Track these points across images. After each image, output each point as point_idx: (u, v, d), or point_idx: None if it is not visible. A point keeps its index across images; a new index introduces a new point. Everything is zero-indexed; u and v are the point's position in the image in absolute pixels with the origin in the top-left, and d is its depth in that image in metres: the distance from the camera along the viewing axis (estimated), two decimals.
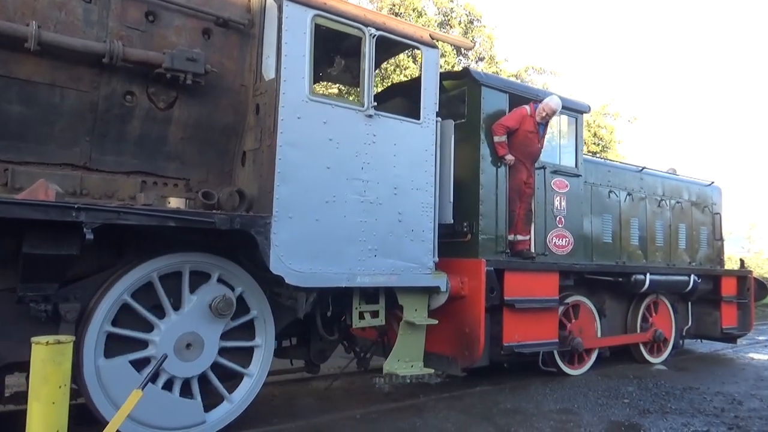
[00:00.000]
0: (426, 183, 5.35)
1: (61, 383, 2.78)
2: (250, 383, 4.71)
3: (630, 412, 5.71)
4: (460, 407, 5.67)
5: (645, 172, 8.74)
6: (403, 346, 5.46)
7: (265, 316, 4.79)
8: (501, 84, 6.47)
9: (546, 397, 6.17)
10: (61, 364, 2.79)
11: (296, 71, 4.53)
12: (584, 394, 6.36)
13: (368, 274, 4.94)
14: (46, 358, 2.78)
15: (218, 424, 4.48)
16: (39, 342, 2.80)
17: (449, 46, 19.98)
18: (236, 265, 4.59)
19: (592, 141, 20.06)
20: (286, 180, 4.45)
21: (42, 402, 2.75)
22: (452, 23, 19.75)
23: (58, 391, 2.77)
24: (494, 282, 5.96)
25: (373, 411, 5.49)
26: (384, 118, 5.11)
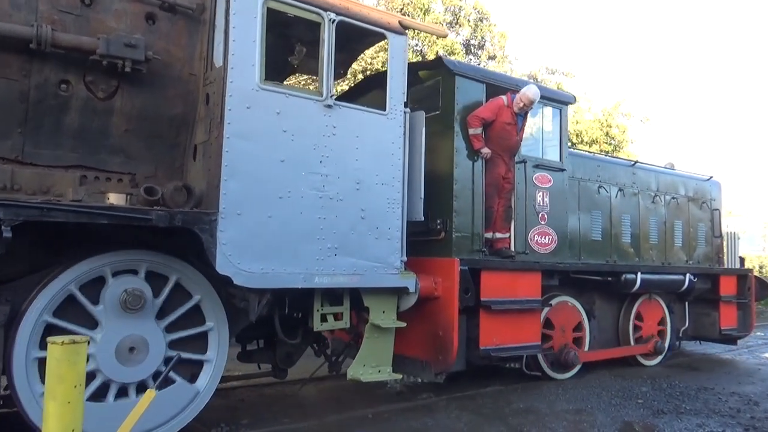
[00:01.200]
0: (392, 178, 5.09)
1: (76, 383, 2.82)
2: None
3: (644, 413, 5.66)
4: (472, 407, 5.67)
5: (638, 166, 8.44)
6: (369, 350, 5.20)
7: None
8: (477, 73, 6.19)
9: (559, 397, 6.13)
10: (75, 364, 2.83)
11: (246, 58, 4.28)
12: (597, 395, 6.31)
13: (327, 274, 4.68)
14: (61, 357, 2.80)
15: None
16: (54, 342, 2.83)
17: (459, 45, 19.95)
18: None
19: (604, 140, 19.91)
20: (234, 174, 4.21)
21: (58, 401, 2.79)
22: (461, 22, 19.68)
23: (73, 391, 2.81)
24: (469, 282, 5.69)
25: (385, 411, 5.49)
26: (345, 108, 4.86)
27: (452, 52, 19.55)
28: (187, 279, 4.41)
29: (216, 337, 4.55)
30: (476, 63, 21.60)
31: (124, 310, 3.98)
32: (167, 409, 4.23)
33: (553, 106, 6.76)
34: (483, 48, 19.99)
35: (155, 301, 4.19)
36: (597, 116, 20.88)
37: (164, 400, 4.15)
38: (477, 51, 20.03)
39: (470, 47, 20.08)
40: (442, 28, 6.11)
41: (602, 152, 16.48)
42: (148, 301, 4.06)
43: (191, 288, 4.43)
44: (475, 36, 20.34)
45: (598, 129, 19.93)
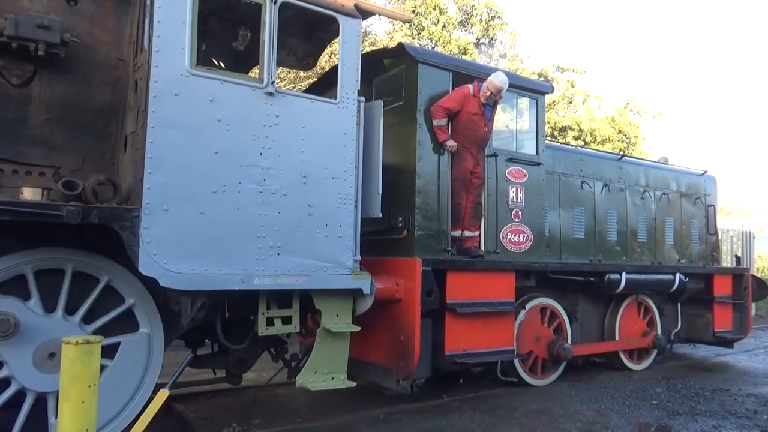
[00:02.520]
0: (344, 171, 4.76)
1: (90, 383, 2.86)
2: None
3: (659, 414, 5.63)
4: (484, 408, 5.65)
5: (625, 160, 8.07)
6: (320, 356, 4.89)
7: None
8: (442, 61, 5.83)
9: (572, 398, 6.11)
10: (90, 364, 2.86)
11: (174, 41, 3.96)
12: (611, 395, 6.27)
13: (269, 275, 4.37)
14: (75, 357, 2.83)
15: None
16: (68, 342, 2.85)
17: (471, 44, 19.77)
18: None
19: (617, 137, 19.65)
20: (160, 166, 3.90)
21: (72, 401, 2.82)
22: (473, 21, 19.63)
23: (88, 391, 2.84)
24: (432, 284, 5.35)
25: (397, 411, 5.49)
26: (290, 96, 4.56)
27: (465, 51, 19.45)
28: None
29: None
30: (487, 62, 21.51)
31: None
32: None
33: (528, 96, 6.40)
34: (494, 47, 20.13)
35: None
36: (609, 114, 20.60)
37: None
38: (488, 49, 20.17)
39: (481, 46, 20.11)
40: (406, 13, 5.78)
41: (620, 151, 16.14)
42: (21, 326, 3.66)
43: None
44: (487, 35, 20.32)
45: (609, 126, 19.66)
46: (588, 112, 20.17)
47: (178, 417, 5.34)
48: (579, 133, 19.12)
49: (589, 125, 19.02)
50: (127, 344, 4.10)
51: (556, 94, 19.85)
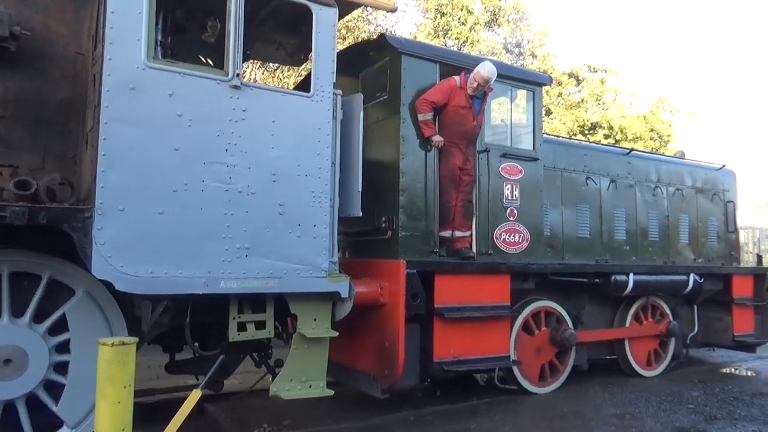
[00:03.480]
0: (318, 168, 4.52)
1: (125, 383, 2.93)
2: None
3: (696, 419, 5.48)
4: (515, 410, 5.61)
5: (634, 155, 7.66)
6: (296, 363, 4.65)
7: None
8: (428, 52, 5.54)
9: (605, 402, 6.01)
10: (125, 365, 2.94)
11: (129, 32, 3.78)
12: (646, 399, 6.15)
13: (237, 277, 4.15)
14: (111, 358, 2.91)
15: None
16: (105, 343, 2.94)
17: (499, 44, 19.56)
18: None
19: (649, 136, 19.19)
20: (115, 165, 3.72)
21: (108, 401, 2.89)
22: (500, 21, 19.56)
23: (123, 391, 2.91)
24: (418, 287, 5.08)
25: (427, 413, 5.46)
26: (257, 90, 4.34)
27: (492, 52, 19.26)
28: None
29: None
30: (514, 62, 21.29)
31: None
32: None
33: (524, 87, 6.07)
34: (521, 47, 20.16)
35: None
36: (640, 112, 20.12)
37: None
38: (515, 49, 20.21)
39: (508, 46, 20.06)
40: (390, 2, 5.54)
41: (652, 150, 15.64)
42: None
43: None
44: (515, 35, 20.22)
45: (642, 125, 19.17)
46: (619, 110, 19.68)
47: (210, 417, 5.37)
48: (609, 131, 18.66)
49: (619, 123, 18.54)
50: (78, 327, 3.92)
51: (585, 91, 19.43)
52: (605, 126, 18.85)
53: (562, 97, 19.90)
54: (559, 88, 19.76)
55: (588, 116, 18.71)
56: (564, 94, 20.01)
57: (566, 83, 19.98)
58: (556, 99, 19.86)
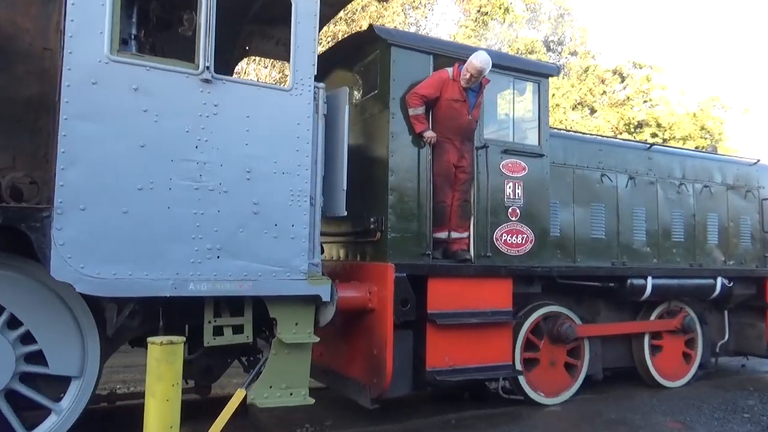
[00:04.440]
0: (298, 165, 4.31)
1: (173, 381, 3.04)
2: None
3: (751, 428, 5.34)
4: (559, 416, 5.53)
5: (656, 149, 7.18)
6: (276, 369, 4.44)
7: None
8: (420, 43, 5.25)
9: (653, 409, 5.90)
10: (173, 363, 3.05)
11: (90, 24, 3.66)
12: (697, 407, 5.99)
13: (207, 280, 3.98)
14: (160, 357, 3.02)
15: None
16: (154, 342, 3.04)
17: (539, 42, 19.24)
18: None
19: (699, 134, 18.47)
20: (75, 162, 3.60)
21: (157, 399, 3.00)
22: (541, 19, 19.36)
23: (171, 389, 3.02)
24: (408, 292, 4.82)
25: (469, 417, 5.43)
26: (231, 84, 4.15)
27: (532, 50, 18.96)
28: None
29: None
30: (556, 60, 20.88)
31: None
32: None
33: (528, 79, 5.71)
34: (563, 44, 19.96)
35: None
36: (689, 110, 19.38)
37: None
38: (557, 47, 20.04)
39: (550, 44, 19.87)
40: None
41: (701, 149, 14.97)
42: None
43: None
44: (556, 33, 19.93)
45: (691, 123, 18.43)
46: (667, 107, 18.97)
47: (253, 417, 5.34)
48: (657, 129, 17.98)
49: (667, 120, 17.85)
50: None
51: (630, 89, 18.80)
52: (652, 124, 18.13)
53: (606, 95, 19.28)
54: (603, 86, 19.19)
55: (634, 114, 18.02)
56: (608, 91, 19.39)
57: (610, 80, 19.36)
58: (600, 97, 19.25)
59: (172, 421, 3.02)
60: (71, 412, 3.99)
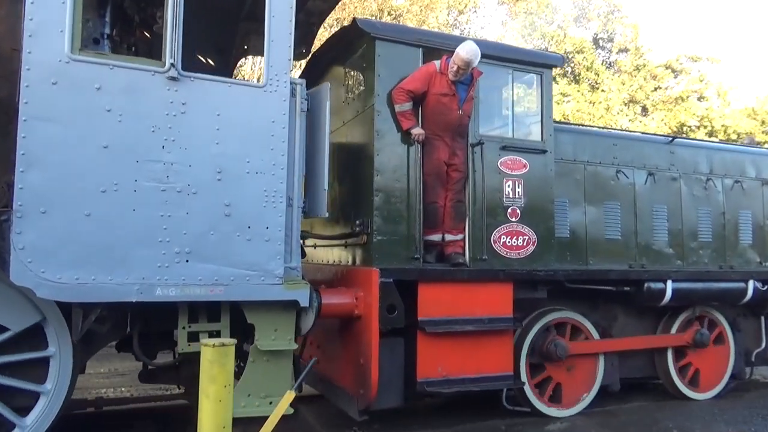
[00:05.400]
0: (272, 164, 4.15)
1: (225, 383, 3.14)
2: None
3: None
4: (614, 424, 5.43)
5: (679, 143, 6.71)
6: (255, 377, 4.30)
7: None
8: (408, 36, 5.00)
9: (715, 418, 5.67)
10: (225, 365, 3.14)
11: (50, 23, 3.61)
12: (763, 417, 5.69)
13: (175, 284, 3.86)
14: (213, 359, 3.12)
15: None
16: (207, 344, 3.15)
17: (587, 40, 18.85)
18: None
19: (760, 129, 17.65)
20: (35, 164, 3.54)
21: (210, 400, 3.11)
22: (589, 16, 19.10)
23: (224, 390, 3.12)
24: (395, 297, 4.60)
25: (519, 422, 5.38)
26: (200, 81, 4.02)
27: (581, 49, 18.55)
28: None
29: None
30: (606, 57, 20.37)
31: None
32: None
33: (529, 71, 5.39)
34: (613, 41, 19.67)
35: None
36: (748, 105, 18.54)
37: None
38: (607, 44, 19.75)
39: (599, 41, 19.61)
40: None
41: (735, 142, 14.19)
42: None
43: None
44: (606, 30, 19.61)
45: (750, 119, 17.57)
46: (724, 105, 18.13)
47: (301, 419, 5.39)
48: (712, 129, 17.20)
49: (722, 121, 17.04)
50: None
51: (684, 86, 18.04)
52: (708, 126, 17.33)
53: (658, 91, 18.55)
54: (655, 82, 18.50)
55: (688, 115, 17.25)
56: (661, 88, 18.66)
57: (662, 76, 18.63)
58: (652, 94, 18.53)
59: (225, 422, 3.12)
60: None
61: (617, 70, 20.11)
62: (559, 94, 18.01)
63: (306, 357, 5.95)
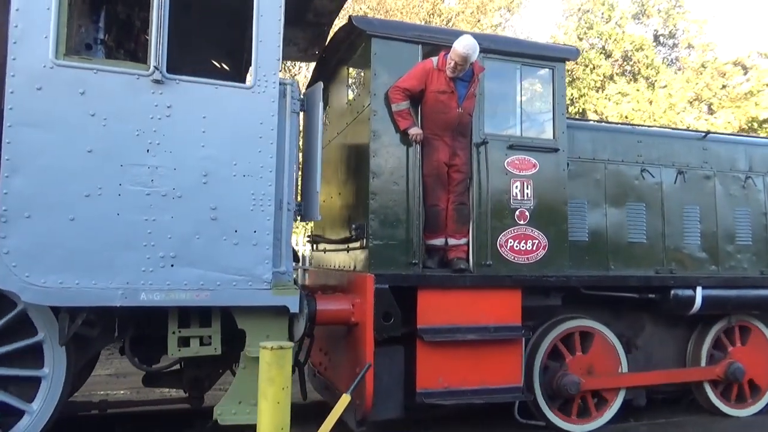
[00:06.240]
0: (260, 167, 4.10)
1: (284, 385, 3.23)
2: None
3: None
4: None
5: (712, 138, 6.25)
6: (245, 384, 4.23)
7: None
8: (405, 32, 4.82)
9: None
10: (283, 368, 3.24)
11: (35, 29, 3.67)
12: None
13: (160, 289, 3.85)
14: (271, 361, 3.22)
15: None
16: (265, 347, 3.26)
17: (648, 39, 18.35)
18: None
19: None
20: (20, 169, 3.62)
21: (269, 401, 3.21)
22: (649, 12, 18.66)
23: (282, 392, 3.22)
24: (391, 305, 4.44)
25: None
26: (185, 83, 4.01)
27: (640, 47, 18.04)
28: None
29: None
30: (667, 55, 19.66)
31: None
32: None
33: (539, 65, 5.13)
34: (676, 38, 18.96)
35: None
36: None
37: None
38: (668, 41, 19.17)
39: (659, 38, 19.07)
40: None
41: None
42: None
43: None
44: (666, 26, 19.05)
45: None
46: None
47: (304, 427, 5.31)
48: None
49: None
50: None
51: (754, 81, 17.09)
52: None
53: (726, 89, 17.65)
54: (722, 79, 17.62)
55: (760, 109, 16.26)
56: (729, 85, 17.74)
57: (731, 73, 17.71)
58: (720, 91, 17.64)
59: (283, 423, 3.20)
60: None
61: (680, 68, 19.30)
62: (617, 93, 17.39)
63: (315, 363, 5.88)
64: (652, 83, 18.29)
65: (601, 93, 17.95)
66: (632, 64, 18.89)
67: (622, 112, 16.80)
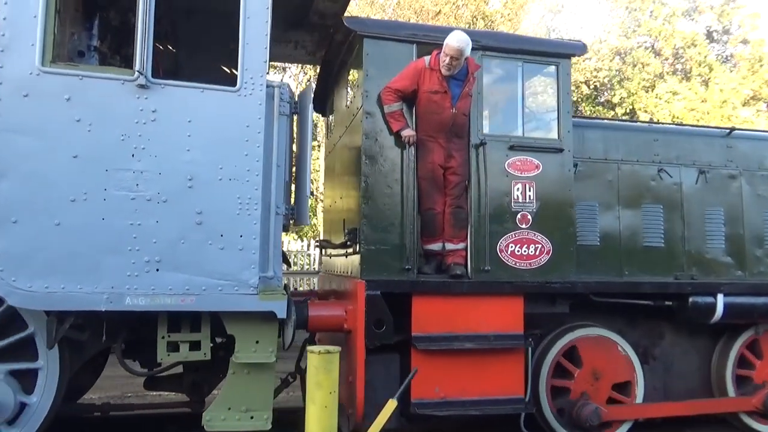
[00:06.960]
0: (247, 171, 4.08)
1: (331, 389, 3.28)
2: None
3: None
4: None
5: (738, 135, 5.90)
6: (235, 390, 4.21)
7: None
8: (398, 32, 4.71)
9: None
10: (330, 372, 3.29)
11: (21, 37, 3.75)
12: None
13: (145, 294, 3.86)
14: (319, 365, 3.27)
15: None
16: (312, 351, 3.33)
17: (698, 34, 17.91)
18: None
19: None
20: (6, 175, 3.70)
21: (317, 405, 3.26)
22: (701, 9, 18.31)
23: (329, 397, 3.27)
24: (383, 311, 4.34)
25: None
26: (170, 87, 4.03)
27: (692, 43, 17.57)
28: None
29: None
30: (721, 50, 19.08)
31: None
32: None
33: (543, 62, 4.93)
34: (729, 33, 18.34)
35: None
36: None
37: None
38: (722, 37, 18.69)
39: (712, 34, 18.60)
40: None
41: None
42: None
43: None
44: (720, 21, 18.57)
45: None
46: None
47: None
48: None
49: None
50: None
51: None
52: None
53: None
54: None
55: None
56: None
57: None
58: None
59: (331, 427, 3.25)
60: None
61: (735, 64, 18.57)
62: (668, 92, 16.83)
63: None
64: (705, 81, 17.61)
65: (651, 92, 17.39)
66: (683, 62, 18.26)
67: (673, 111, 16.19)
